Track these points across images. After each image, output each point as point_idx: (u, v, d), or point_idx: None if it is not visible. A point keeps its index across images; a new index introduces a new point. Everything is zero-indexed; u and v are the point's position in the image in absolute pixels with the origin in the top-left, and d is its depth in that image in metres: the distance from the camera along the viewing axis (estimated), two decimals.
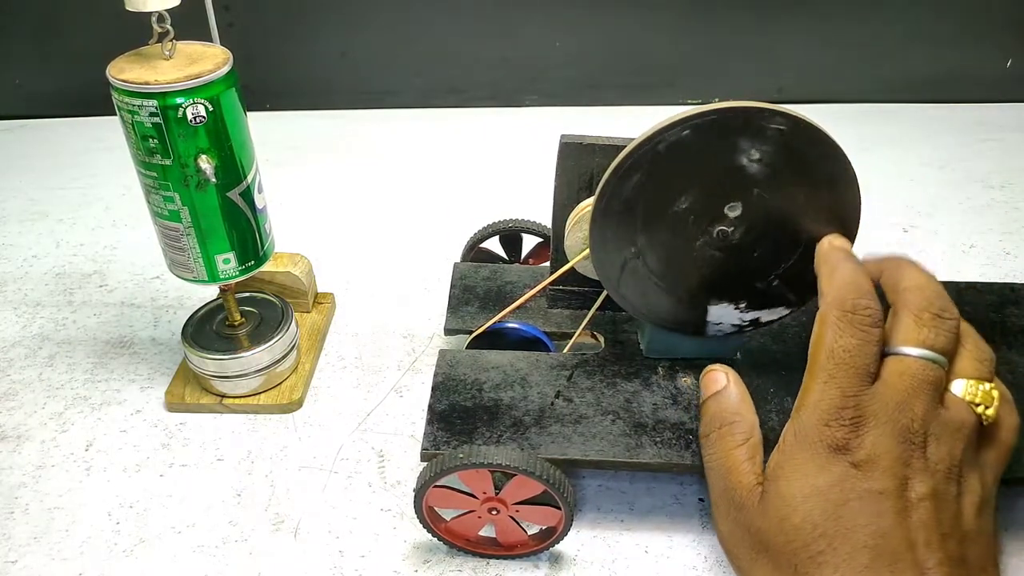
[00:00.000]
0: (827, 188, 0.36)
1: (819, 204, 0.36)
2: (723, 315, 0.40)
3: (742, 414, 0.36)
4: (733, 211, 0.37)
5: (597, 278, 0.41)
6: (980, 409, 0.33)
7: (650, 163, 0.36)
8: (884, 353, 0.33)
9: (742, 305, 0.40)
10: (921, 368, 0.33)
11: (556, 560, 0.41)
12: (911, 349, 0.33)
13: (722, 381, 0.37)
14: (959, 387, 0.34)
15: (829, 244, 0.36)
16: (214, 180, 0.41)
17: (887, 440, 0.31)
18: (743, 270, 0.38)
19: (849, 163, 0.35)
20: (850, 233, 0.37)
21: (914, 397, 0.32)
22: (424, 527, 0.40)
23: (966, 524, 0.31)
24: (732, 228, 0.37)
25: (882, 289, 0.36)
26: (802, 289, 0.39)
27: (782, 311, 0.40)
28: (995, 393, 0.34)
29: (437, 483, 0.37)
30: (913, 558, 0.29)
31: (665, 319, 0.41)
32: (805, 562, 0.30)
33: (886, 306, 0.35)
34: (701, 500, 0.44)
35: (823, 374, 0.32)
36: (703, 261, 0.38)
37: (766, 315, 0.40)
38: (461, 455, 0.36)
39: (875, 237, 0.66)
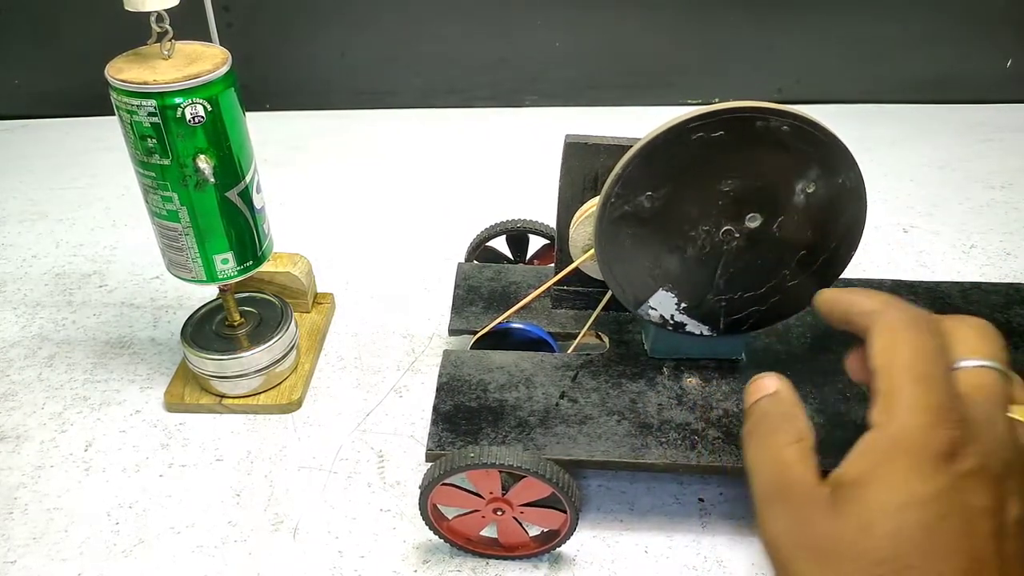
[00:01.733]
0: (818, 163, 0.36)
1: (830, 199, 0.36)
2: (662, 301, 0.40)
3: (795, 415, 0.33)
4: (754, 222, 0.37)
5: (602, 279, 0.41)
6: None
7: (660, 166, 0.36)
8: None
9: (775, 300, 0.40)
10: (999, 380, 0.30)
11: (556, 560, 0.41)
12: (982, 360, 0.30)
13: (774, 385, 0.34)
14: (1017, 412, 0.31)
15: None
16: (212, 180, 0.41)
17: (994, 450, 0.28)
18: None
19: (862, 180, 0.35)
20: (859, 223, 0.37)
21: (998, 410, 0.29)
22: (427, 525, 0.39)
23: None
24: (732, 229, 0.37)
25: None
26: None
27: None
28: None
29: (445, 481, 0.37)
30: None
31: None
32: (887, 575, 0.27)
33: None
34: (701, 500, 0.44)
35: (911, 373, 0.29)
36: (709, 261, 0.38)
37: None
38: (473, 454, 0.36)
39: (875, 237, 0.66)
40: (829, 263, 0.38)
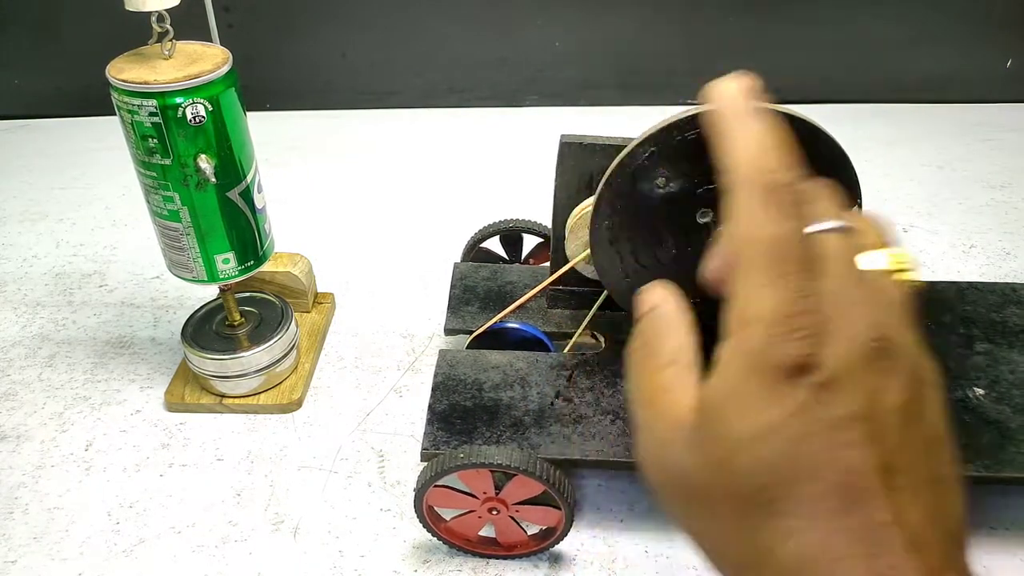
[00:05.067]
0: (812, 163, 0.35)
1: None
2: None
3: (670, 332, 0.29)
4: (705, 217, 0.37)
5: (598, 279, 0.41)
6: (902, 276, 0.28)
7: (638, 179, 0.36)
8: None
9: None
10: (848, 244, 0.27)
11: (556, 560, 0.41)
12: (825, 223, 0.27)
13: (653, 299, 0.30)
14: (877, 259, 0.28)
15: (718, 91, 0.29)
16: (214, 180, 0.41)
17: (854, 346, 0.25)
18: None
19: (826, 133, 0.35)
20: None
21: (853, 283, 0.26)
22: (424, 527, 0.40)
23: (935, 431, 0.26)
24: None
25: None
26: None
27: None
28: (907, 253, 0.28)
29: (437, 483, 0.37)
30: (888, 491, 0.24)
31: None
32: (753, 513, 0.24)
33: None
34: None
35: (758, 275, 0.25)
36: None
37: None
38: (462, 455, 0.36)
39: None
40: None
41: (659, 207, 0.37)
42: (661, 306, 0.29)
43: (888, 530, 0.23)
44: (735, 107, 0.28)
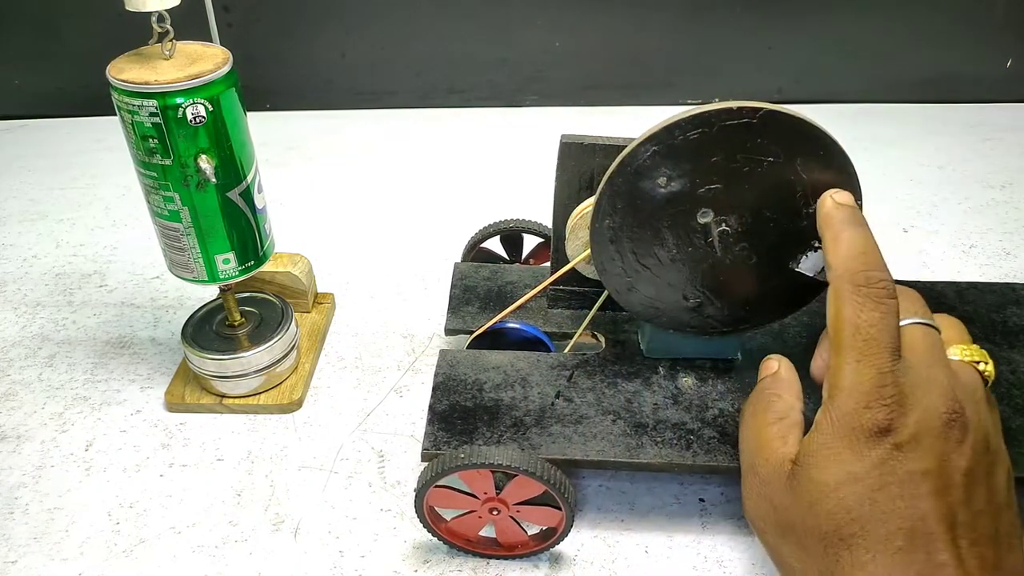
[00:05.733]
0: (813, 163, 0.36)
1: (810, 181, 0.36)
2: (817, 263, 0.39)
3: (782, 395, 0.35)
4: (705, 217, 0.37)
5: (598, 279, 0.41)
6: (981, 367, 0.33)
7: (627, 193, 0.36)
8: None
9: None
10: (931, 335, 0.32)
11: (556, 560, 0.41)
12: (911, 319, 0.32)
13: (774, 367, 0.37)
14: (955, 351, 0.33)
15: (832, 203, 0.34)
16: (214, 180, 0.41)
17: (930, 416, 0.30)
18: (765, 260, 0.38)
19: (827, 135, 0.35)
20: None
21: (936, 366, 0.31)
22: (424, 527, 0.40)
23: (999, 497, 0.31)
24: (728, 229, 0.37)
25: None
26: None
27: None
28: (984, 351, 0.34)
29: (438, 483, 0.37)
30: (950, 539, 0.28)
31: (695, 324, 0.41)
32: (836, 544, 0.29)
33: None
34: (701, 500, 0.44)
35: (853, 353, 0.30)
36: (718, 262, 0.38)
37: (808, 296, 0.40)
38: (462, 455, 0.36)
39: (875, 237, 0.66)
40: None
41: (660, 207, 0.37)
42: (779, 371, 0.36)
43: (946, 570, 0.28)
44: (842, 215, 0.34)
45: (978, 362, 0.33)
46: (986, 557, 0.29)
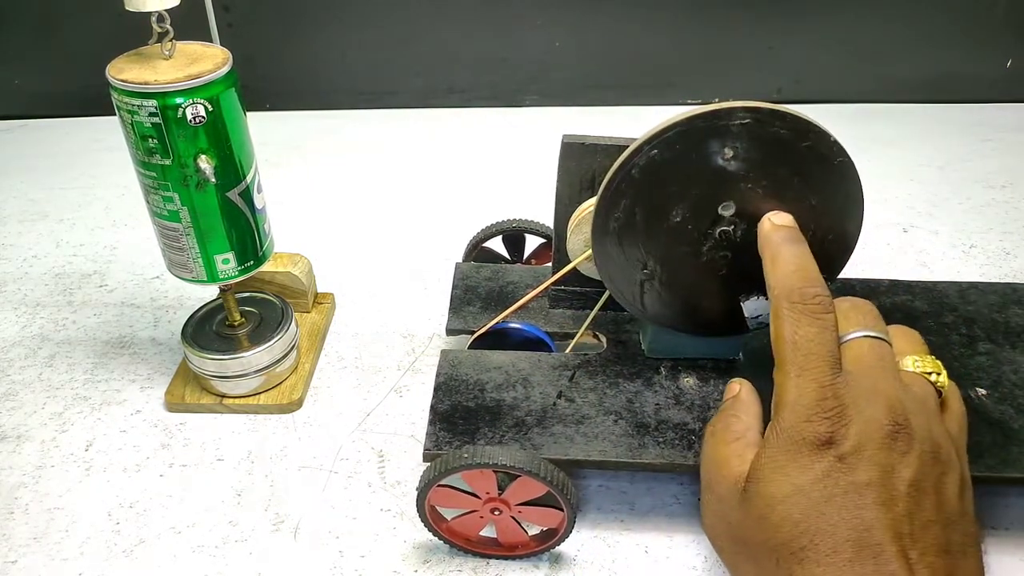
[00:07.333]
0: (817, 167, 0.36)
1: (814, 186, 0.36)
2: (758, 307, 0.39)
3: (740, 416, 0.36)
4: (727, 210, 0.37)
5: (600, 279, 0.41)
6: (934, 378, 0.33)
7: (632, 188, 0.36)
8: None
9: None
10: (879, 347, 0.32)
11: (556, 560, 0.41)
12: (859, 332, 0.33)
13: (735, 389, 0.37)
14: (907, 363, 0.34)
15: (770, 224, 0.35)
16: (213, 180, 0.41)
17: (872, 427, 0.30)
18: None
19: (833, 139, 0.35)
20: (856, 216, 0.37)
21: (883, 378, 0.32)
22: (425, 526, 0.40)
23: (949, 507, 0.30)
24: (732, 227, 0.37)
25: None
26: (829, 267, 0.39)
27: None
28: (938, 362, 0.34)
29: (441, 483, 0.37)
30: (898, 549, 0.28)
31: (699, 324, 0.41)
32: (787, 558, 0.30)
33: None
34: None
35: (794, 368, 0.31)
36: (717, 263, 0.38)
37: None
38: (466, 455, 0.36)
39: (875, 237, 0.66)
40: (823, 261, 0.38)
41: (662, 207, 0.37)
42: (740, 393, 0.37)
43: None
44: (780, 235, 0.35)
45: (931, 373, 0.34)
46: (937, 567, 0.29)
